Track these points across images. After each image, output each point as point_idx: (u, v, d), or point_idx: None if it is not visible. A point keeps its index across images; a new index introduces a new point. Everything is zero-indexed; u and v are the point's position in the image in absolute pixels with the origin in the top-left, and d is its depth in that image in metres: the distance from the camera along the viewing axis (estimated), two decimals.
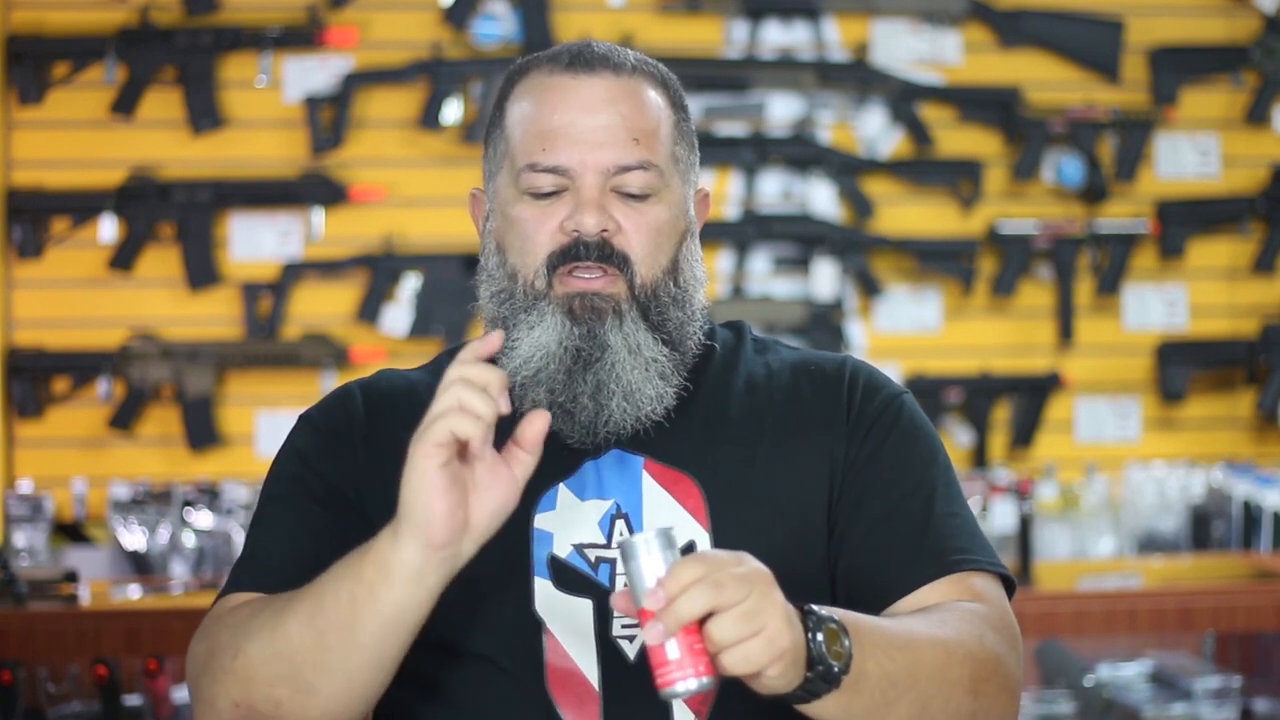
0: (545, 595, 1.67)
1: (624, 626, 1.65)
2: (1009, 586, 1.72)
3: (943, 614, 1.61)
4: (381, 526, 1.56)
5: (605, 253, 1.68)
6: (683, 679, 1.42)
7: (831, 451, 1.71)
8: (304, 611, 1.53)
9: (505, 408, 1.47)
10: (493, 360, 1.53)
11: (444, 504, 1.46)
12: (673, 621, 1.40)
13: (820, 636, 1.45)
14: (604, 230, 1.68)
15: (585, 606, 1.66)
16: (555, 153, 1.69)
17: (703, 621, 1.41)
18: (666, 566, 1.43)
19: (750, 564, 1.43)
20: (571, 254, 1.68)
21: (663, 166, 1.71)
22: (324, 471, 1.72)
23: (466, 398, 1.46)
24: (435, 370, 1.79)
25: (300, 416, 1.78)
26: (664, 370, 1.70)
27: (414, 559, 1.48)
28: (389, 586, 1.49)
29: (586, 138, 1.69)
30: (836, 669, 1.46)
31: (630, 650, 1.65)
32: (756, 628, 1.40)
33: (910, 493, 1.70)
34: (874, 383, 1.77)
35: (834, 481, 1.71)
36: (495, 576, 1.61)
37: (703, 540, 1.67)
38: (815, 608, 1.47)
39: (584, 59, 1.72)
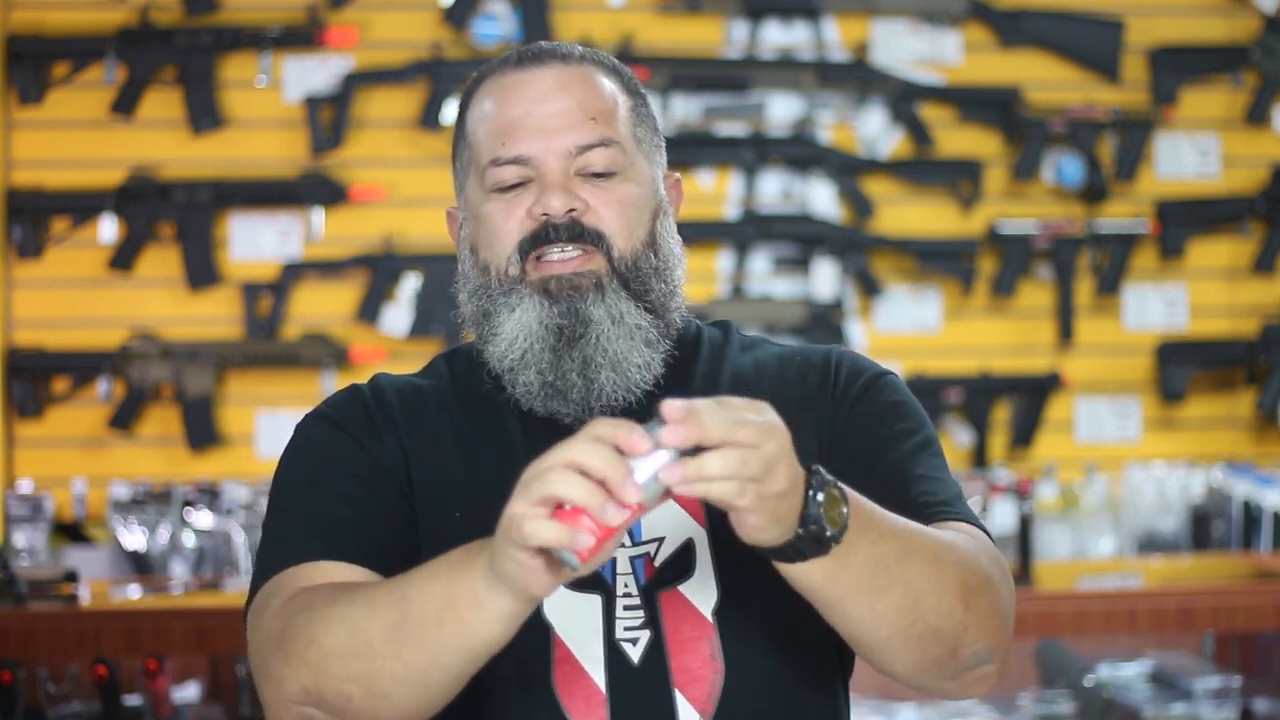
0: (554, 594, 1.66)
1: (626, 629, 1.65)
2: None
3: (939, 527, 1.60)
4: (417, 508, 1.61)
5: (576, 232, 1.68)
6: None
7: (818, 432, 1.71)
8: (387, 620, 1.50)
9: (632, 497, 1.38)
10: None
11: (548, 579, 1.43)
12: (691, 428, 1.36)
13: (820, 497, 1.44)
14: (571, 210, 1.68)
15: (594, 603, 1.65)
16: (515, 144, 1.69)
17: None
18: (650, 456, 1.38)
19: (769, 414, 1.41)
20: (542, 238, 1.68)
21: (624, 144, 1.72)
22: (349, 452, 1.70)
23: (586, 455, 1.37)
24: (432, 374, 1.79)
25: (309, 415, 1.76)
26: (649, 337, 1.70)
27: (511, 606, 1.46)
28: (482, 622, 1.47)
29: (544, 124, 1.69)
30: (829, 534, 1.45)
31: (634, 653, 1.64)
32: (755, 474, 1.39)
33: (892, 456, 1.69)
34: (858, 366, 1.77)
35: (821, 461, 1.71)
36: None
37: (700, 537, 1.67)
38: (822, 469, 1.46)
39: (532, 54, 1.74)
